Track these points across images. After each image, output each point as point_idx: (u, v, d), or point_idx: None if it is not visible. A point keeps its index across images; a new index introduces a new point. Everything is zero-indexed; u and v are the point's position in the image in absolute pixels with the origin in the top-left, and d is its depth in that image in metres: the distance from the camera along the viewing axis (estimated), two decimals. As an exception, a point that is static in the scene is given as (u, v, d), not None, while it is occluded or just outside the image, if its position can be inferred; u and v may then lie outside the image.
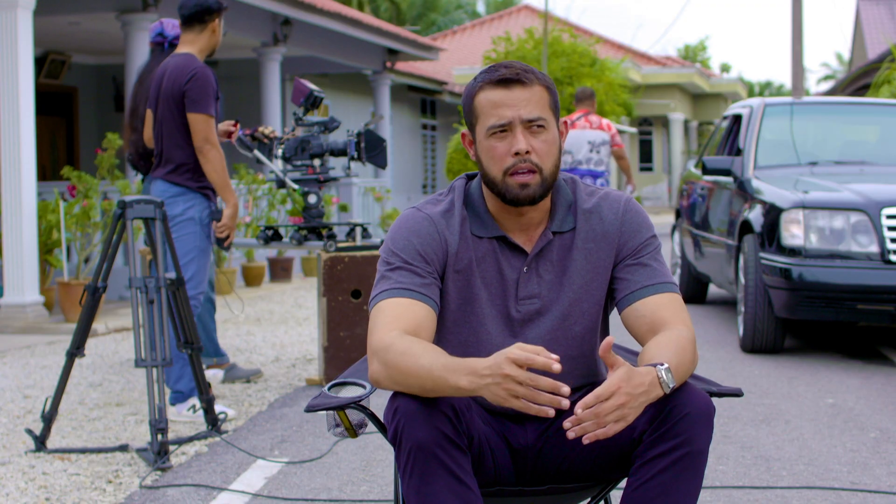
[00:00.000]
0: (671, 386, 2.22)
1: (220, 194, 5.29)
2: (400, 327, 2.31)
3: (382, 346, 2.28)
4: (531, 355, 2.09)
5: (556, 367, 2.07)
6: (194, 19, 5.27)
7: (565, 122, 2.53)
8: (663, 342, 2.33)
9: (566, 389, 2.10)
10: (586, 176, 10.17)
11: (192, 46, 5.31)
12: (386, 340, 2.28)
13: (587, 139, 10.28)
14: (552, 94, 2.45)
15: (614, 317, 2.56)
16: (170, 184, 5.29)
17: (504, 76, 2.40)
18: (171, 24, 6.01)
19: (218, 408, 5.10)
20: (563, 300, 2.47)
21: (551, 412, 2.10)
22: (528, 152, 2.38)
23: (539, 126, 2.40)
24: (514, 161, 2.39)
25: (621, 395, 2.14)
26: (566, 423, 2.15)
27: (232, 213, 5.30)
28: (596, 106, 10.80)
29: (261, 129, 6.01)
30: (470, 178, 2.56)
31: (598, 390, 2.13)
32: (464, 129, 2.54)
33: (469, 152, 2.51)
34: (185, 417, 5.14)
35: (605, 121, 10.51)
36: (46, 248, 8.82)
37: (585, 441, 2.14)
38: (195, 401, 5.15)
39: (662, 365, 2.23)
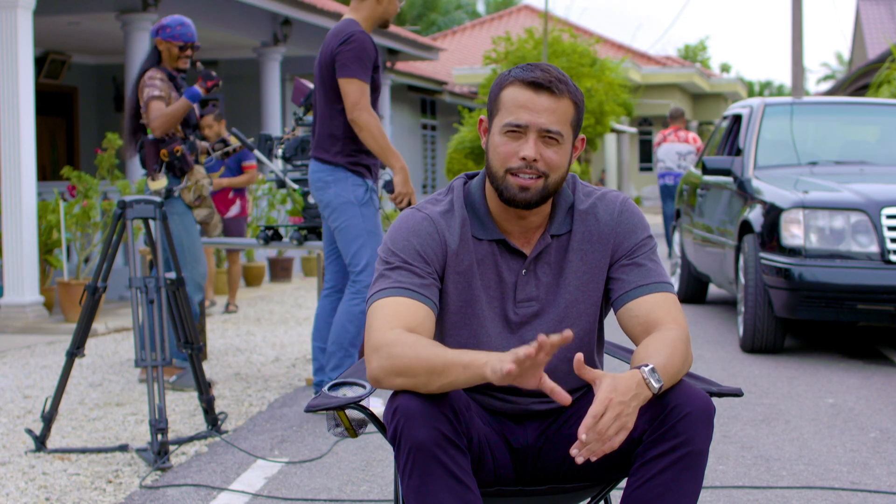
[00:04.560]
0: (658, 385, 2.22)
1: (383, 161, 4.94)
2: (400, 325, 2.30)
3: (385, 342, 2.26)
4: (544, 340, 2.07)
5: (568, 333, 2.07)
6: None
7: (662, 136, 2.54)
8: (651, 343, 2.33)
9: (568, 334, 2.08)
10: (678, 177, 13.13)
11: (355, 13, 5.02)
12: (389, 337, 2.26)
13: (676, 151, 13.33)
14: (578, 111, 2.43)
15: (610, 318, 2.56)
16: (320, 163, 4.98)
17: (537, 79, 2.38)
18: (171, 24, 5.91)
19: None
20: (560, 302, 2.47)
21: (544, 380, 2.10)
22: (535, 160, 2.37)
23: (553, 139, 2.38)
24: (520, 165, 2.37)
25: (615, 406, 2.15)
26: (572, 451, 2.15)
27: (403, 178, 4.91)
28: (685, 122, 13.66)
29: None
30: (469, 177, 2.55)
31: (592, 409, 2.14)
32: (482, 116, 2.52)
33: (482, 140, 2.49)
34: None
35: (691, 135, 13.43)
36: (46, 248, 8.81)
37: (594, 459, 2.15)
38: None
39: (647, 366, 2.23)
